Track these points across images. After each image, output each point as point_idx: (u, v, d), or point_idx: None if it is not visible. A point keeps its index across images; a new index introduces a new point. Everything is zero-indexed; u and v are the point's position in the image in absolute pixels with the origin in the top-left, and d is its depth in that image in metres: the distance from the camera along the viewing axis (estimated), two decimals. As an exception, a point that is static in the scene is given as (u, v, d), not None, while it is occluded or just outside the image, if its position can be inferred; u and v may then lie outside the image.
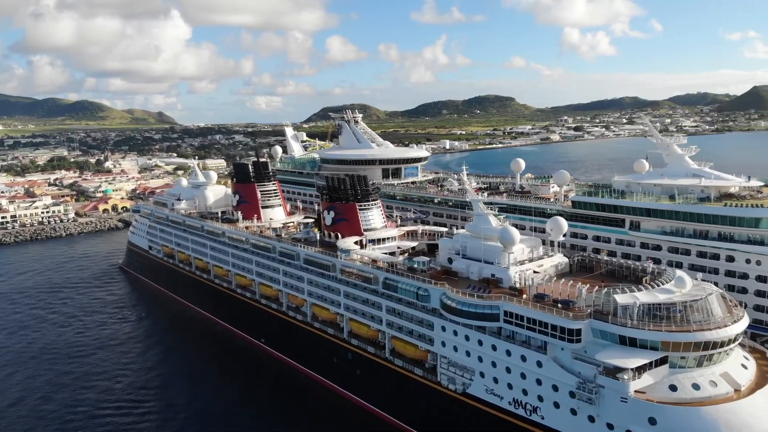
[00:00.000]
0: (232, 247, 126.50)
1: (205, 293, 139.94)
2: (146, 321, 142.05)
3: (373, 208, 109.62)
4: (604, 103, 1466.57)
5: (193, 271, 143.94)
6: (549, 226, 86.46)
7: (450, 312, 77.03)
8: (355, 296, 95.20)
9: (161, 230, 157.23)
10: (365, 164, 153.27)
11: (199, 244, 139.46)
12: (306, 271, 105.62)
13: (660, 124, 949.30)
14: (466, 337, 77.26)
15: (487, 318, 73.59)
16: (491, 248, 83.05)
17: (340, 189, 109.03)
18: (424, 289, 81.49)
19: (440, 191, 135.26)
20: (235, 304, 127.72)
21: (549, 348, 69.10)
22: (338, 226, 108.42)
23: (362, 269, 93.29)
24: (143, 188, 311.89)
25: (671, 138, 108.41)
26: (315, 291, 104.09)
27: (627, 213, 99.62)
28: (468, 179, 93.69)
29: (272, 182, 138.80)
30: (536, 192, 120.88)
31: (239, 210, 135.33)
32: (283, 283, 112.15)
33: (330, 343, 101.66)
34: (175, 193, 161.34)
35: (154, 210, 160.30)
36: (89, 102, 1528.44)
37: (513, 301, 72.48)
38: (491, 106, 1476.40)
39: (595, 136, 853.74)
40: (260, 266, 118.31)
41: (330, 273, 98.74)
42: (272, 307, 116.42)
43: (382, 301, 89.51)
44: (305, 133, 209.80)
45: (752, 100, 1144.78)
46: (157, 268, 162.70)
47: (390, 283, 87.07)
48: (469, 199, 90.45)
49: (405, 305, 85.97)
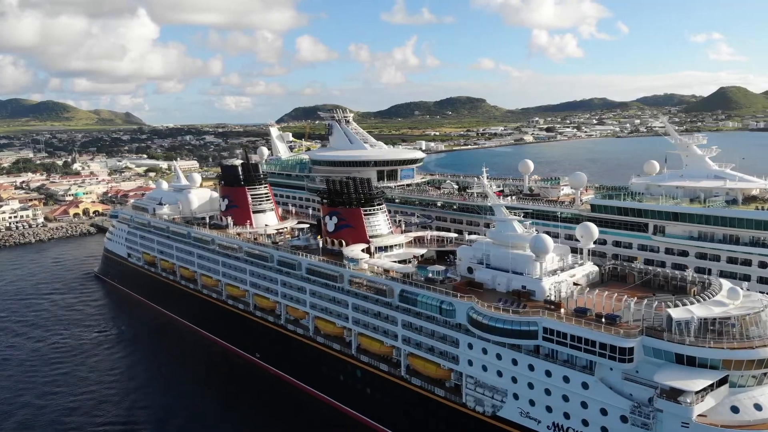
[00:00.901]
0: (223, 256, 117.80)
1: (191, 304, 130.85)
2: (127, 334, 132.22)
3: (379, 213, 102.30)
4: (573, 105, 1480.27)
5: (178, 280, 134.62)
6: (579, 232, 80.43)
7: (479, 328, 70.20)
8: (366, 309, 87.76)
9: (142, 237, 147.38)
10: (359, 166, 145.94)
11: (184, 252, 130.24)
12: (308, 281, 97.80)
13: (630, 125, 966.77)
14: (497, 355, 70.51)
15: (523, 335, 66.93)
16: (520, 257, 76.48)
17: (343, 193, 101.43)
18: (448, 303, 74.43)
19: (446, 194, 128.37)
20: (226, 317, 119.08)
21: (596, 368, 62.80)
22: (342, 232, 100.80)
23: (374, 280, 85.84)
24: (115, 191, 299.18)
25: (690, 138, 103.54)
26: (319, 303, 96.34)
27: (651, 217, 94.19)
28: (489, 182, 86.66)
29: (263, 185, 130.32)
30: (546, 195, 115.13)
31: (228, 215, 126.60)
32: (282, 294, 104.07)
33: (335, 360, 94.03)
34: (156, 197, 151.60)
35: (133, 215, 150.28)
36: (54, 102, 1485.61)
37: (553, 316, 65.98)
38: (462, 108, 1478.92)
39: (568, 137, 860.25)
40: (255, 276, 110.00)
41: (337, 284, 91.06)
42: (268, 319, 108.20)
43: (398, 315, 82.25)
44: (291, 134, 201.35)
45: (719, 101, 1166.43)
46: (137, 276, 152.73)
47: (408, 296, 79.82)
48: (491, 204, 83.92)
49: (424, 320, 78.91)
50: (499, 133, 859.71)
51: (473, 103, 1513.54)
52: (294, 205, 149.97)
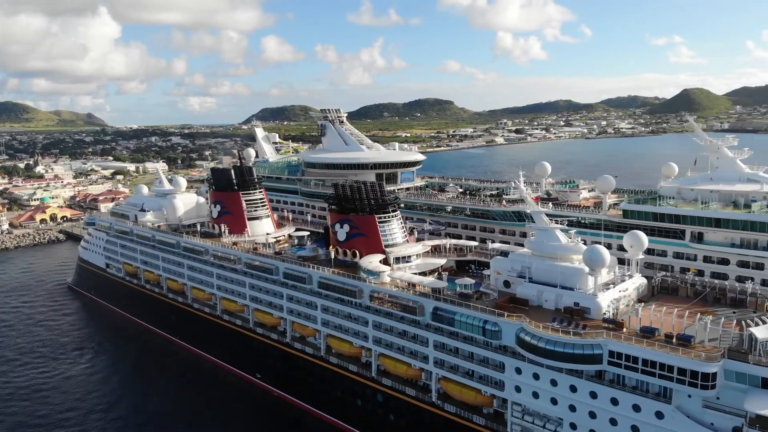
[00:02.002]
0: (218, 267, 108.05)
1: (180, 319, 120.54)
2: (109, 352, 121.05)
3: (393, 220, 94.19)
4: (540, 107, 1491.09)
5: (165, 293, 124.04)
6: (628, 242, 73.66)
7: (532, 351, 62.73)
8: (389, 328, 79.54)
9: (123, 246, 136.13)
10: (357, 168, 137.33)
11: (173, 263, 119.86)
12: (319, 296, 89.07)
13: (597, 127, 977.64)
14: (552, 381, 63.09)
15: (586, 360, 59.67)
16: (569, 270, 69.38)
17: (354, 198, 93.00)
18: (493, 323, 66.63)
19: (457, 198, 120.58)
20: (222, 334, 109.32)
21: (673, 395, 56.02)
22: (354, 242, 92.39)
23: (401, 296, 77.56)
24: (83, 195, 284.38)
25: (721, 139, 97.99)
26: (332, 320, 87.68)
27: (689, 223, 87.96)
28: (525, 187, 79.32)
29: (258, 190, 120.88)
30: (564, 199, 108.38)
31: (221, 222, 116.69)
32: (288, 309, 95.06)
33: (352, 382, 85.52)
34: (137, 202, 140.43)
35: (113, 223, 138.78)
36: (13, 103, 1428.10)
37: (620, 337, 58.87)
38: (431, 109, 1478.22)
39: (537, 138, 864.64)
40: (256, 290, 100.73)
41: (355, 300, 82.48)
42: (271, 337, 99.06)
43: (429, 335, 74.19)
44: (277, 135, 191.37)
45: (683, 103, 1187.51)
46: (118, 289, 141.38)
47: (442, 315, 71.76)
48: (530, 211, 76.40)
49: (461, 341, 71.04)
50: (469, 135, 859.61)
51: (441, 105, 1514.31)
52: (286, 210, 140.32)
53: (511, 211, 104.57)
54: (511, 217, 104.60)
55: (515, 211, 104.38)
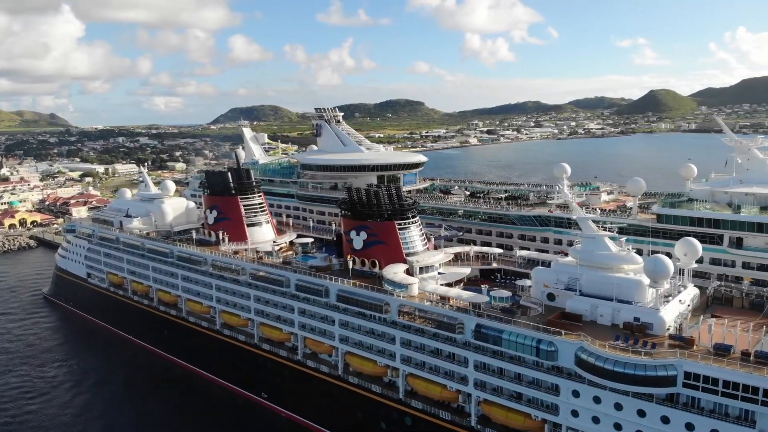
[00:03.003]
0: (218, 278, 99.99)
1: (173, 334, 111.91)
2: (97, 369, 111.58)
3: (413, 226, 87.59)
4: (509, 108, 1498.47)
5: (156, 306, 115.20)
6: (681, 250, 68.35)
7: (594, 373, 56.84)
8: (419, 346, 72.87)
9: (107, 255, 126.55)
10: (357, 170, 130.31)
11: (165, 274, 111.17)
12: (337, 310, 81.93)
13: (567, 127, 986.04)
14: (616, 405, 57.22)
15: (658, 382, 54.01)
16: (626, 282, 63.71)
17: (371, 203, 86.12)
18: (548, 342, 60.48)
19: (466, 201, 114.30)
20: (222, 350, 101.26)
21: (758, 419, 50.70)
22: (372, 250, 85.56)
23: (435, 311, 70.80)
24: (53, 199, 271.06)
25: (751, 140, 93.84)
26: (352, 337, 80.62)
27: (728, 228, 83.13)
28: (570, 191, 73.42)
29: (257, 194, 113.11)
30: (586, 202, 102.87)
31: (218, 229, 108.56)
32: (300, 324, 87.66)
33: (375, 404, 78.54)
34: (121, 208, 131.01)
35: (96, 230, 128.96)
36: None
37: (696, 357, 53.37)
38: (402, 110, 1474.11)
39: (510, 139, 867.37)
40: (263, 303, 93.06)
41: (382, 315, 75.57)
42: (279, 354, 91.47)
43: (469, 355, 67.76)
44: (266, 135, 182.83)
45: (649, 104, 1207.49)
46: (101, 300, 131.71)
47: (486, 333, 65.37)
48: (576, 217, 70.54)
49: (507, 360, 64.76)
50: (443, 136, 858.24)
51: (412, 106, 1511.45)
52: (286, 215, 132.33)
53: (532, 215, 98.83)
54: (531, 222, 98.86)
55: (536, 215, 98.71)
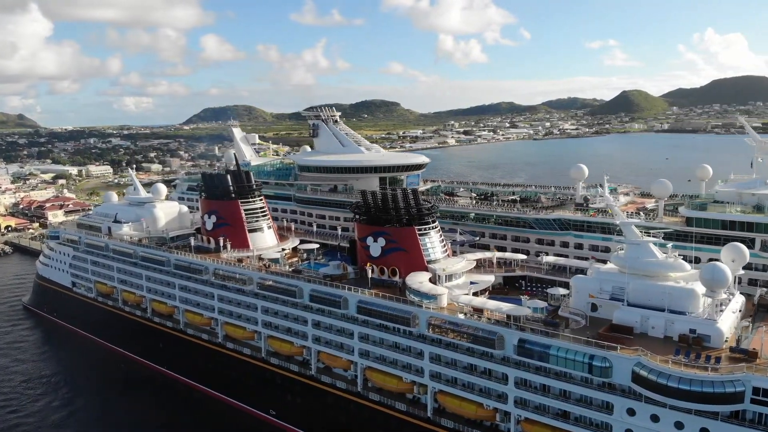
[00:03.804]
0: (221, 288, 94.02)
1: (170, 347, 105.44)
2: (85, 386, 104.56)
3: (432, 231, 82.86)
4: (483, 108, 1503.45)
5: (150, 317, 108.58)
6: (728, 256, 64.90)
7: (653, 390, 52.92)
8: (451, 361, 68.18)
9: (94, 262, 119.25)
10: (358, 172, 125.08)
11: (160, 283, 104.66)
12: (355, 322, 76.78)
13: (542, 128, 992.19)
14: (677, 424, 53.29)
15: (725, 399, 50.16)
16: (679, 292, 59.88)
17: (389, 207, 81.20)
18: (602, 358, 56.15)
19: (475, 205, 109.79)
20: (225, 364, 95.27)
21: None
22: (391, 258, 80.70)
23: (470, 325, 66.01)
24: (27, 202, 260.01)
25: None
26: (374, 351, 75.54)
27: (761, 231, 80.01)
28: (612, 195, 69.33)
29: (259, 197, 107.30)
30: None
31: (218, 235, 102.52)
32: (314, 338, 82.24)
33: (400, 423, 73.64)
34: (108, 212, 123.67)
35: (83, 236, 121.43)
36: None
37: (764, 372, 49.77)
38: (378, 111, 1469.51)
39: (487, 139, 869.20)
40: (271, 314, 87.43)
41: (410, 329, 70.60)
42: (290, 368, 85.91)
43: (509, 371, 63.20)
44: (257, 135, 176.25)
45: (622, 104, 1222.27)
46: (87, 311, 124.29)
47: (531, 348, 60.82)
48: (619, 223, 66.45)
49: (552, 377, 60.35)
50: (420, 136, 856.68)
51: (388, 107, 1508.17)
52: (278, 218, 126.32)
53: (551, 219, 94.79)
54: (551, 225, 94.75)
55: (555, 218, 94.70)
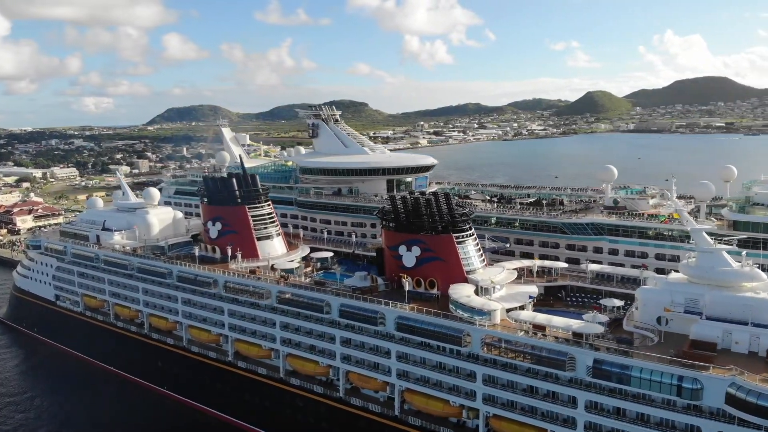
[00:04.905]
0: (231, 302, 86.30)
1: (170, 366, 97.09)
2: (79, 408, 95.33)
3: (469, 239, 76.79)
4: (451, 109, 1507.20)
5: (147, 333, 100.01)
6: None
7: (753, 412, 47.85)
8: (507, 383, 62.05)
9: (82, 274, 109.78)
10: (365, 174, 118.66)
11: (160, 297, 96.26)
12: (392, 340, 70.18)
13: (510, 128, 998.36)
14: (786, 454, 48.05)
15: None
16: (763, 304, 54.78)
17: (422, 213, 74.85)
18: (691, 379, 50.75)
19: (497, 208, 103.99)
20: (237, 385, 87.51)
21: None
22: (428, 269, 74.55)
23: (535, 344, 59.87)
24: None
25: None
26: (414, 372, 69.01)
27: (816, 235, 76.21)
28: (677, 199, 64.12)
29: (266, 202, 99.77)
30: (633, 207, 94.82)
31: (224, 244, 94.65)
32: (342, 356, 75.26)
33: (445, 450, 67.22)
34: (95, 220, 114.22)
35: (69, 246, 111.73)
36: None
37: None
38: (346, 111, 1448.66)
39: (458, 140, 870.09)
40: (291, 330, 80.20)
41: (460, 348, 64.28)
42: (314, 390, 78.76)
43: (579, 394, 57.36)
44: (247, 135, 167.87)
45: (587, 105, 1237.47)
46: (73, 326, 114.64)
47: (608, 371, 55.01)
48: (691, 229, 61.23)
49: (630, 399, 54.75)
50: (391, 137, 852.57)
51: (357, 107, 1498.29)
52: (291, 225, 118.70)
53: (584, 223, 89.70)
54: (584, 230, 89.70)
55: (589, 222, 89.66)
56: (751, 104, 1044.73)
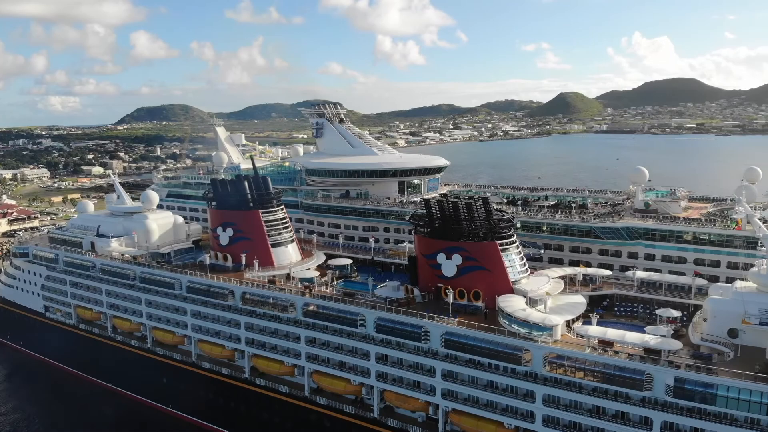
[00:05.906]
0: (249, 315, 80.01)
1: (179, 383, 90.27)
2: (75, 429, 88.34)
3: (512, 247, 71.88)
4: (425, 110, 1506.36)
5: (150, 348, 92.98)
6: None
7: None
8: (572, 404, 57.24)
9: (76, 284, 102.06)
10: (375, 176, 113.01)
11: (167, 309, 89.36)
12: (435, 357, 64.91)
13: (485, 130, 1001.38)
14: None
15: None
16: None
17: (464, 219, 69.68)
18: (793, 402, 46.59)
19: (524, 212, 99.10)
20: (256, 404, 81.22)
21: None
22: (470, 278, 69.38)
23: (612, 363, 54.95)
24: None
25: None
26: (461, 392, 63.82)
27: None
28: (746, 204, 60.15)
29: (279, 207, 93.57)
30: (664, 210, 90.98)
31: (235, 251, 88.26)
32: (377, 374, 69.66)
33: (497, 475, 62.15)
34: (88, 225, 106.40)
35: (61, 254, 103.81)
36: None
37: None
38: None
39: (435, 141, 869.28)
40: (318, 345, 74.33)
41: (518, 367, 59.23)
42: (344, 410, 73.04)
43: (655, 415, 52.82)
44: (243, 136, 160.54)
45: (559, 106, 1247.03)
46: (65, 340, 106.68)
47: (692, 390, 50.55)
48: (762, 236, 57.10)
49: (711, 419, 50.49)
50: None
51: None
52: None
53: (620, 227, 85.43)
54: (620, 235, 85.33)
55: (624, 226, 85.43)
56: (720, 105, 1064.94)
